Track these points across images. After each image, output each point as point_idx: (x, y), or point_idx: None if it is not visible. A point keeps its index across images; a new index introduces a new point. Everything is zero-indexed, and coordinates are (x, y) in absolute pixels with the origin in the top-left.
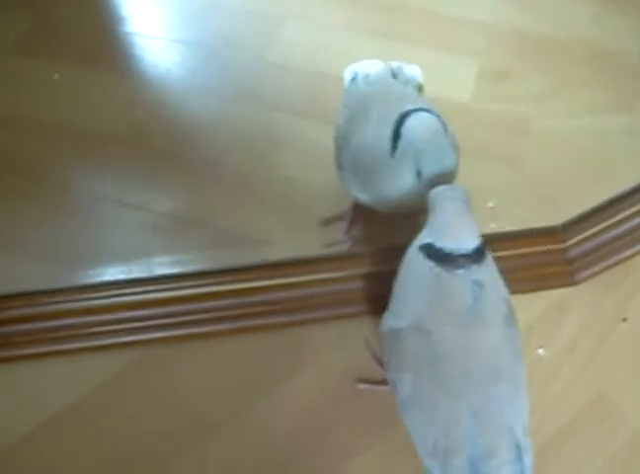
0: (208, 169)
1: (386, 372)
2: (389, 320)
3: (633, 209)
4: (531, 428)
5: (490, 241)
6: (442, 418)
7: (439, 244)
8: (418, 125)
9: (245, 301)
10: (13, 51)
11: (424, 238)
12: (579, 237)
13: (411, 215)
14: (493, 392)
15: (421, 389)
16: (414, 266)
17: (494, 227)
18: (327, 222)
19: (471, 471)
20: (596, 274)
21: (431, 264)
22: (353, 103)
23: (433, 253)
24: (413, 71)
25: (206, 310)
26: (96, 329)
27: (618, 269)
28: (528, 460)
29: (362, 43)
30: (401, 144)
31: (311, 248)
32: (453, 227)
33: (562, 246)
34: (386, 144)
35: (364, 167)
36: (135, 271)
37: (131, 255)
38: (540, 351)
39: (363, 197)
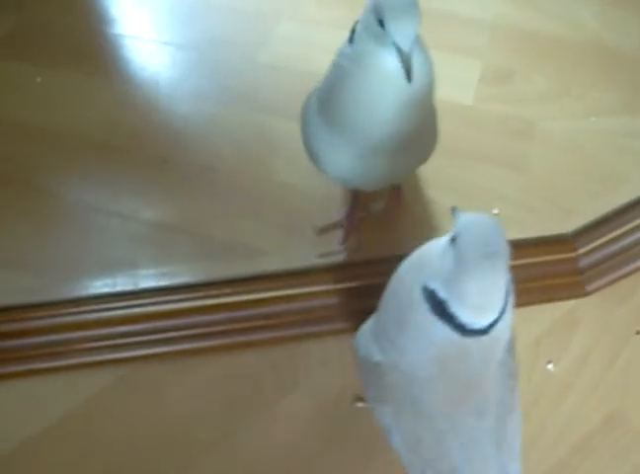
0: (199, 175)
1: (364, 393)
2: (369, 346)
3: None
4: (543, 446)
5: None
6: (429, 452)
7: (453, 309)
8: None
9: (236, 316)
10: None
11: (436, 279)
12: (591, 245)
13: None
14: (480, 426)
15: (403, 422)
16: (413, 307)
17: None
18: (322, 231)
19: None
20: (607, 284)
21: (439, 323)
22: None
23: (443, 314)
24: None
25: (195, 325)
26: (78, 346)
27: (631, 278)
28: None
29: None
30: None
31: (306, 258)
32: (479, 296)
33: (573, 255)
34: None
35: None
36: (121, 283)
37: (118, 267)
38: (549, 366)
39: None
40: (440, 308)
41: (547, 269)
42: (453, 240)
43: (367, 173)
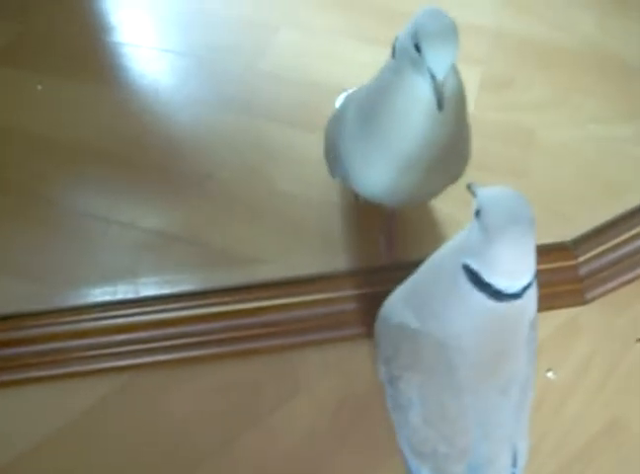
0: (199, 183)
1: (378, 361)
2: (403, 315)
3: None
4: (544, 454)
5: None
6: (449, 427)
7: (488, 278)
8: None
9: (236, 324)
10: None
11: (467, 254)
12: (591, 253)
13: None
14: (501, 403)
15: (429, 395)
16: (452, 281)
17: None
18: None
19: None
20: (608, 292)
21: (478, 294)
22: None
23: (479, 283)
24: None
25: (195, 333)
26: (78, 354)
27: (631, 286)
28: (522, 462)
29: (358, 51)
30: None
31: (307, 267)
32: (510, 263)
33: (573, 262)
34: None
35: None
36: (121, 291)
37: (117, 275)
38: (549, 374)
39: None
40: (475, 278)
41: (547, 276)
42: (477, 214)
43: (400, 189)
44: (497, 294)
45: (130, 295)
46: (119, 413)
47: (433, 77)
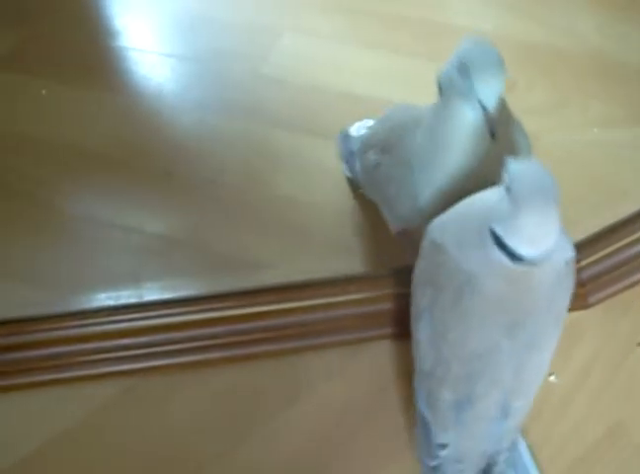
0: (203, 188)
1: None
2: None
3: None
4: (545, 458)
5: None
6: (449, 350)
7: (512, 244)
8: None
9: (239, 328)
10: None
11: (494, 221)
12: (593, 257)
13: None
14: (504, 347)
15: (436, 312)
16: (479, 234)
17: None
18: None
19: (455, 411)
20: (610, 296)
21: (498, 252)
22: None
23: (500, 245)
24: None
25: (199, 338)
26: (82, 358)
27: (634, 290)
28: (515, 421)
29: (361, 56)
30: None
31: (309, 271)
32: (534, 232)
33: (576, 266)
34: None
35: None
36: (125, 296)
37: (121, 279)
38: (552, 377)
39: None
40: (498, 241)
41: None
42: (508, 188)
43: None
44: (518, 258)
45: (134, 300)
46: (122, 416)
47: (484, 108)
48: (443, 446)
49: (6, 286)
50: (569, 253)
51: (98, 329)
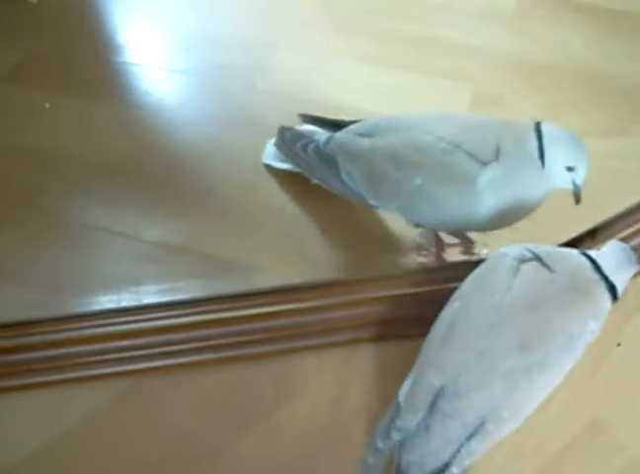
0: (200, 198)
1: None
2: None
3: (625, 232)
4: (527, 453)
5: None
6: (460, 329)
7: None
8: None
9: (235, 330)
10: (3, 79)
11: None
12: None
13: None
14: (498, 340)
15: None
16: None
17: (486, 253)
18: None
19: (433, 396)
20: None
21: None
22: None
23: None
24: None
25: (196, 339)
26: (83, 359)
27: None
28: (475, 445)
29: (356, 70)
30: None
31: (303, 275)
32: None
33: None
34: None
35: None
36: (125, 299)
37: (121, 284)
38: None
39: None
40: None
41: None
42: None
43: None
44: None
45: (134, 303)
46: (120, 417)
47: (576, 186)
48: (401, 430)
49: (8, 290)
50: None
51: (97, 331)
